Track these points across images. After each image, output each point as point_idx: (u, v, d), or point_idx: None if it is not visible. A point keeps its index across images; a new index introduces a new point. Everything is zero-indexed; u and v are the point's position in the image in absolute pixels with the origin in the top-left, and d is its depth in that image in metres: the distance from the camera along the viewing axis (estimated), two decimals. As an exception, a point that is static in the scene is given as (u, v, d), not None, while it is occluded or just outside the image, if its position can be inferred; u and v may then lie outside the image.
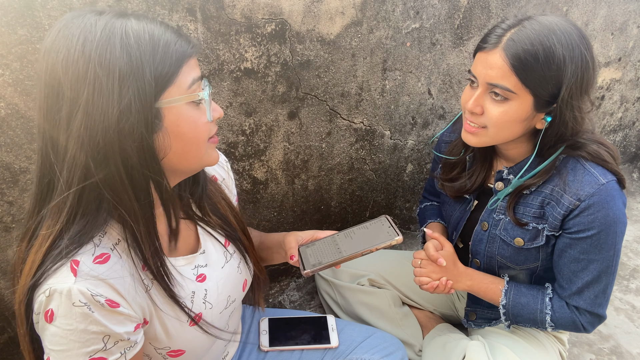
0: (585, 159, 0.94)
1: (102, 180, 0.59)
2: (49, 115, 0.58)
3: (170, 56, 0.60)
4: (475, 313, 1.22)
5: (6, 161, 0.98)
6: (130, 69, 0.57)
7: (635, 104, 2.25)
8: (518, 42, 0.85)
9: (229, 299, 0.82)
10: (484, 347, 1.09)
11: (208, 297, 0.77)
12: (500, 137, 0.94)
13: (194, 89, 0.63)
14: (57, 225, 0.60)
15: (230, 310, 0.84)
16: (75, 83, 0.56)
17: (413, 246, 1.86)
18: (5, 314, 1.13)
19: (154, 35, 0.59)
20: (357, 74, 1.37)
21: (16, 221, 1.04)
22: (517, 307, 1.05)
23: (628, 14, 1.88)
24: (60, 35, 0.58)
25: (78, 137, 0.57)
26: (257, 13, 1.14)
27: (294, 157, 1.40)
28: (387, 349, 1.01)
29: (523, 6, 1.57)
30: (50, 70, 0.57)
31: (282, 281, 1.63)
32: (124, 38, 0.57)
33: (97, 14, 0.59)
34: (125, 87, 0.56)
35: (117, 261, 0.64)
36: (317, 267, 0.83)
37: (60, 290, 0.58)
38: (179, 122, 0.62)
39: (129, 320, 0.63)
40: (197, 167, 0.70)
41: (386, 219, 0.89)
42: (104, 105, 0.56)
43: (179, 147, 0.64)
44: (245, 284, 0.88)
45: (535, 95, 0.87)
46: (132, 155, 0.59)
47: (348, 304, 1.35)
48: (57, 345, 0.60)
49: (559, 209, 0.95)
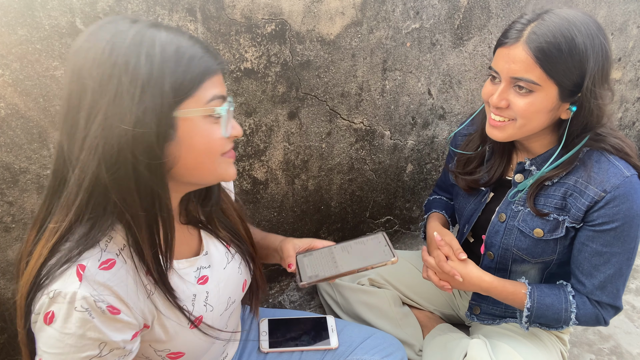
0: (609, 152, 0.96)
1: (111, 183, 0.60)
2: (70, 113, 0.60)
3: (193, 70, 0.61)
4: (479, 307, 1.22)
5: (6, 161, 0.98)
6: (150, 77, 0.58)
7: (635, 104, 2.25)
8: (540, 34, 0.86)
9: (229, 300, 0.82)
10: (485, 345, 1.09)
11: (209, 299, 0.77)
12: (528, 128, 0.95)
13: (212, 104, 0.64)
14: (64, 221, 0.61)
15: (230, 312, 0.84)
16: (99, 85, 0.58)
17: (413, 246, 1.86)
18: (5, 314, 1.13)
19: (180, 47, 0.61)
20: (357, 74, 1.37)
21: (16, 221, 1.04)
22: (542, 309, 1.03)
23: (628, 14, 1.88)
24: (92, 37, 0.60)
25: (94, 138, 0.58)
26: (257, 13, 1.14)
27: (294, 157, 1.40)
28: (387, 349, 1.01)
29: (523, 6, 1.57)
30: (77, 70, 0.59)
31: (282, 281, 1.63)
32: (150, 48, 0.59)
33: (131, 22, 0.61)
34: (145, 95, 0.58)
35: (121, 266, 0.64)
36: (314, 279, 0.85)
37: (64, 294, 0.58)
38: (192, 134, 0.63)
39: (127, 328, 0.64)
40: (211, 180, 0.71)
41: (383, 237, 0.91)
42: (123, 110, 0.58)
43: (190, 158, 0.65)
44: (244, 284, 0.88)
45: (560, 85, 0.88)
46: (142, 162, 0.60)
47: (348, 304, 1.35)
48: (53, 348, 0.60)
49: (583, 199, 0.96)
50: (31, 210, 1.05)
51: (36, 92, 0.95)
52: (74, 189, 0.61)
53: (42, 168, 1.02)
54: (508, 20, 1.57)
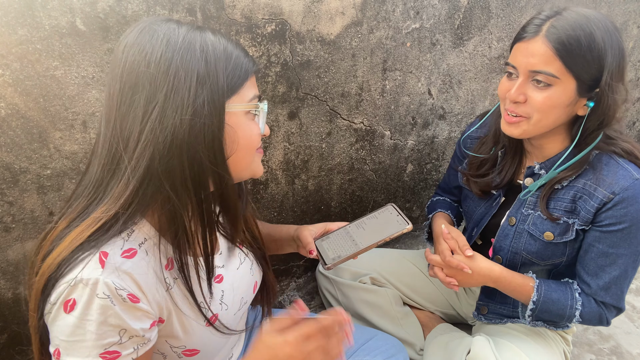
0: (618, 155, 0.97)
1: (164, 173, 0.61)
2: (123, 107, 0.61)
3: (240, 68, 0.66)
4: (487, 307, 1.22)
5: (6, 161, 0.98)
6: (207, 72, 0.62)
7: (636, 104, 2.25)
8: (560, 28, 0.87)
9: (242, 300, 0.83)
10: (488, 342, 1.09)
11: (225, 298, 0.78)
12: (544, 124, 0.95)
13: (252, 104, 0.69)
14: (112, 210, 0.62)
15: (242, 312, 0.85)
16: (155, 79, 0.60)
17: (413, 246, 1.86)
18: (5, 313, 1.13)
19: (227, 48, 0.66)
20: (357, 74, 1.37)
21: (16, 221, 1.04)
22: (548, 303, 1.03)
23: (628, 14, 1.88)
24: (145, 34, 0.62)
25: (151, 130, 0.60)
26: (257, 13, 1.13)
27: (294, 157, 1.39)
28: (389, 351, 1.01)
29: (523, 6, 1.57)
30: (130, 64, 0.61)
31: (282, 281, 1.63)
32: (203, 45, 0.63)
33: (178, 23, 0.65)
34: (201, 88, 0.62)
35: (143, 257, 0.65)
36: (337, 260, 0.86)
37: (87, 281, 0.59)
38: (237, 128, 0.67)
39: (146, 317, 0.64)
40: (246, 175, 0.73)
41: (393, 208, 0.92)
42: (180, 102, 0.60)
43: (230, 150, 0.67)
44: (255, 285, 0.88)
45: (579, 79, 0.89)
46: (201, 150, 0.62)
47: (349, 302, 1.35)
48: (72, 336, 0.60)
49: (592, 202, 0.96)
50: (31, 210, 1.05)
51: (36, 92, 0.95)
52: (125, 180, 0.62)
53: (42, 168, 1.02)
54: (508, 20, 1.57)
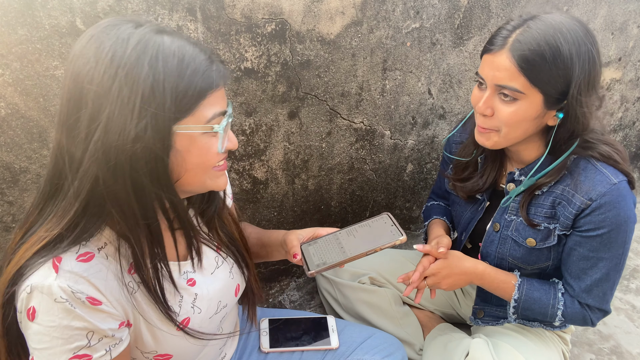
0: (596, 159, 0.95)
1: (109, 195, 0.59)
2: (68, 122, 0.58)
3: (195, 86, 0.59)
4: (483, 311, 1.22)
5: (6, 161, 0.98)
6: (152, 93, 0.56)
7: (636, 104, 2.25)
8: (524, 42, 0.85)
9: (219, 304, 0.81)
10: (487, 345, 1.09)
11: (197, 301, 0.76)
12: (513, 136, 0.94)
13: (212, 122, 0.63)
14: (56, 229, 0.60)
15: (221, 315, 0.83)
16: (98, 97, 0.56)
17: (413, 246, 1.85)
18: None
19: (183, 59, 0.59)
20: (357, 73, 1.37)
21: (16, 221, 1.04)
22: (529, 302, 1.04)
23: (628, 14, 1.88)
24: (92, 43, 0.57)
25: (95, 151, 0.57)
26: (257, 13, 1.13)
27: (294, 157, 1.39)
28: (387, 349, 1.01)
29: (523, 6, 1.57)
30: (75, 77, 0.57)
31: (282, 281, 1.63)
32: (153, 60, 0.56)
33: (134, 27, 0.58)
34: (145, 110, 0.56)
35: (101, 261, 0.63)
36: (322, 267, 0.82)
37: (41, 287, 0.58)
38: (189, 148, 0.62)
39: (111, 318, 0.63)
40: (199, 190, 0.70)
41: (388, 217, 0.88)
42: (123, 124, 0.56)
43: (182, 170, 0.64)
44: (237, 289, 0.86)
45: (545, 93, 0.87)
46: (143, 175, 0.59)
47: (349, 302, 1.35)
48: (40, 344, 0.59)
49: (570, 208, 0.96)
50: (31, 210, 1.05)
51: (36, 91, 0.95)
52: (71, 200, 0.60)
53: (42, 168, 1.02)
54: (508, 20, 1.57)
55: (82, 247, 0.62)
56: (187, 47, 0.60)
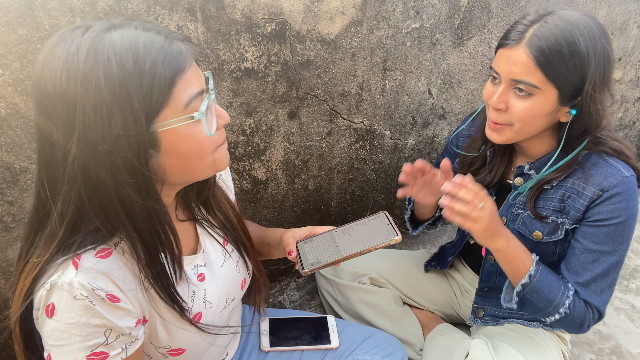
0: (607, 154, 0.96)
1: (95, 211, 0.59)
2: (44, 148, 0.58)
3: (159, 79, 0.55)
4: (483, 310, 1.22)
5: (6, 161, 0.98)
6: (115, 100, 0.53)
7: (636, 104, 2.25)
8: (542, 37, 0.85)
9: (228, 298, 0.82)
10: (487, 346, 1.09)
11: (208, 296, 0.77)
12: (526, 132, 0.94)
13: (191, 107, 0.59)
14: (46, 254, 0.60)
15: (230, 309, 0.84)
16: (65, 119, 0.54)
17: (413, 246, 1.86)
18: (5, 313, 1.13)
19: (137, 55, 0.54)
20: (357, 73, 1.37)
21: (16, 221, 1.04)
22: (542, 282, 0.96)
23: (628, 14, 1.88)
24: (46, 65, 0.55)
25: (73, 173, 0.56)
26: (257, 13, 1.13)
27: (294, 157, 1.40)
28: (388, 349, 1.01)
29: (523, 6, 1.57)
30: (42, 100, 0.55)
31: (282, 281, 1.63)
32: (106, 65, 0.53)
33: (81, 34, 0.55)
34: (113, 119, 0.53)
35: (119, 257, 0.64)
36: (316, 266, 0.82)
37: (61, 284, 0.58)
38: (177, 142, 0.60)
39: (129, 316, 0.63)
40: (207, 175, 0.68)
41: (385, 216, 0.88)
42: (94, 140, 0.54)
43: (182, 164, 0.62)
44: (244, 282, 0.88)
45: (560, 89, 0.88)
46: (127, 186, 0.57)
47: (349, 303, 1.35)
48: (58, 340, 0.59)
49: (581, 200, 0.96)
50: (31, 210, 1.05)
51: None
52: (56, 224, 0.60)
53: (43, 168, 1.02)
54: (508, 20, 1.57)
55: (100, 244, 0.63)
56: (140, 38, 0.55)
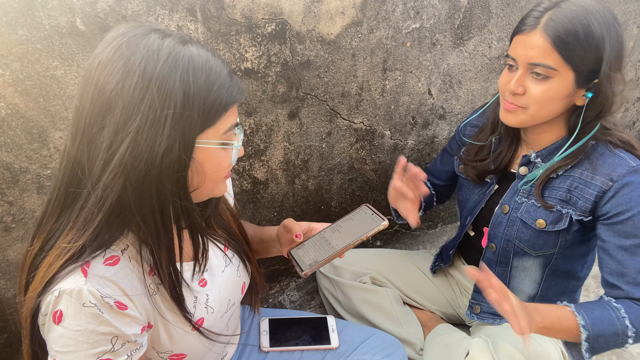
0: (614, 145, 0.98)
1: (135, 205, 0.59)
2: (91, 130, 0.58)
3: (220, 101, 0.61)
4: (479, 306, 1.22)
5: (6, 161, 0.98)
6: (183, 106, 0.58)
7: (636, 104, 2.25)
8: (558, 21, 0.88)
9: (229, 302, 0.83)
10: (487, 345, 1.09)
11: (210, 301, 0.78)
12: (541, 115, 0.96)
13: (227, 135, 0.65)
14: (80, 240, 0.60)
15: (230, 314, 0.84)
16: (128, 107, 0.56)
17: (413, 246, 1.86)
18: (5, 313, 1.13)
19: (211, 74, 0.60)
20: (357, 74, 1.37)
21: (16, 221, 1.04)
22: (596, 323, 0.90)
23: (628, 14, 1.88)
24: (121, 52, 0.57)
25: (121, 162, 0.57)
26: (257, 13, 1.14)
27: (294, 157, 1.40)
28: (387, 349, 1.02)
29: (523, 6, 1.57)
30: (102, 86, 0.57)
31: (282, 281, 1.63)
32: (184, 74, 0.58)
33: (161, 37, 0.59)
34: (175, 122, 0.58)
35: (126, 264, 0.64)
36: (314, 265, 0.83)
37: (70, 291, 0.58)
38: (205, 161, 0.64)
39: (135, 323, 0.64)
40: (206, 198, 0.72)
41: (367, 207, 0.91)
42: (154, 136, 0.57)
43: (198, 182, 0.65)
44: (243, 286, 0.88)
45: (577, 71, 0.90)
46: (167, 185, 0.60)
47: (350, 302, 1.35)
48: (65, 347, 0.59)
49: (590, 190, 0.97)
50: (31, 210, 1.05)
51: (36, 92, 0.95)
52: (93, 210, 0.59)
53: (43, 168, 1.02)
54: (508, 20, 1.57)
55: (107, 251, 0.63)
56: (212, 61, 0.61)
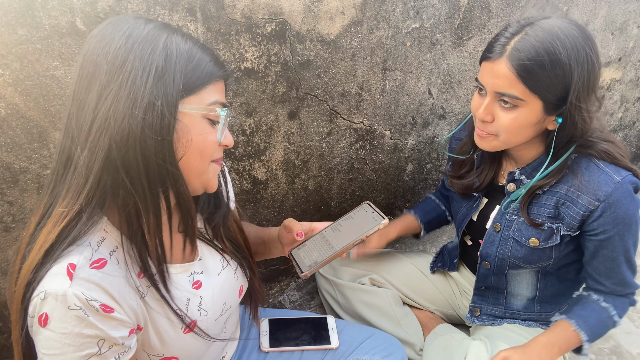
0: (597, 158, 0.96)
1: (122, 166, 0.60)
2: (79, 94, 0.61)
3: (201, 70, 0.65)
4: (480, 309, 1.22)
5: (6, 161, 0.98)
6: (165, 67, 0.61)
7: (636, 104, 2.25)
8: (522, 50, 0.85)
9: (224, 305, 0.82)
10: (486, 347, 1.09)
11: (203, 304, 0.77)
12: (513, 141, 0.95)
13: (213, 107, 0.67)
14: (75, 205, 0.61)
15: (226, 317, 0.83)
16: (111, 68, 0.60)
17: (413, 246, 1.86)
18: (4, 313, 1.13)
19: (192, 49, 0.65)
20: (357, 74, 1.37)
21: (16, 221, 1.04)
22: (595, 331, 1.04)
23: (628, 14, 1.88)
24: (109, 25, 0.62)
25: (105, 119, 0.59)
26: (257, 13, 1.14)
27: (294, 157, 1.40)
28: (387, 349, 1.01)
29: (523, 6, 1.57)
30: (90, 53, 0.61)
31: (282, 281, 1.63)
32: (167, 42, 0.62)
33: (149, 21, 0.64)
34: (157, 82, 0.61)
35: (114, 267, 0.64)
36: (314, 266, 0.83)
37: (55, 294, 0.58)
38: (190, 129, 0.65)
39: (122, 326, 0.63)
40: (197, 185, 0.70)
41: (368, 205, 0.90)
42: (134, 94, 0.59)
43: (183, 149, 0.65)
44: (241, 290, 0.87)
45: (544, 100, 0.88)
46: (150, 146, 0.61)
47: (349, 303, 1.35)
48: (51, 350, 0.59)
49: (576, 209, 0.96)
50: (31, 210, 1.05)
51: (36, 91, 0.95)
52: (83, 171, 0.60)
53: (42, 168, 1.02)
54: (508, 20, 1.57)
55: (95, 252, 0.62)
56: (195, 43, 0.66)
